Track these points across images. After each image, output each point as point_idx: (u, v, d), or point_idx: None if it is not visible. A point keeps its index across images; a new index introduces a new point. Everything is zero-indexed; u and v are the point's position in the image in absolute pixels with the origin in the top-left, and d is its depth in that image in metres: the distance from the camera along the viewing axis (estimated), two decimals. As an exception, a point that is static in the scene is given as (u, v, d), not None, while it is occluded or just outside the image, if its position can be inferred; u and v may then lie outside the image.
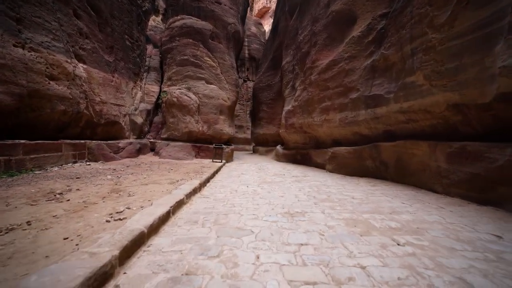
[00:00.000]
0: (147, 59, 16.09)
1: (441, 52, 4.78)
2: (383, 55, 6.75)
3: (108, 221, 2.88)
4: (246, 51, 32.35)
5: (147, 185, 5.29)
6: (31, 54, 6.67)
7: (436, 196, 4.95)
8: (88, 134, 9.75)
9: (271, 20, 35.12)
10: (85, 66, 9.21)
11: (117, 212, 3.25)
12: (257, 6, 52.50)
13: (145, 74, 15.63)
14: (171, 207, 3.38)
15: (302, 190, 5.69)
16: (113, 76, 11.46)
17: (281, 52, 17.36)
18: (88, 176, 6.23)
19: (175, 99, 13.20)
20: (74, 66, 8.40)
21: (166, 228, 3.00)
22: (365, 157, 7.76)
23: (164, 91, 14.11)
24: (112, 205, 3.60)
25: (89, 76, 9.42)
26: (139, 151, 12.20)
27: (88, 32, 9.49)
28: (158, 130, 14.67)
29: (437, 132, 5.71)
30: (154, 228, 2.74)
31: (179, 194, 4.18)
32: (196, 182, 5.54)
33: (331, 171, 9.39)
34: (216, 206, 4.15)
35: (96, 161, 8.96)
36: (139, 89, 14.64)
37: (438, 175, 5.27)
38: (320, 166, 10.60)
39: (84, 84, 8.90)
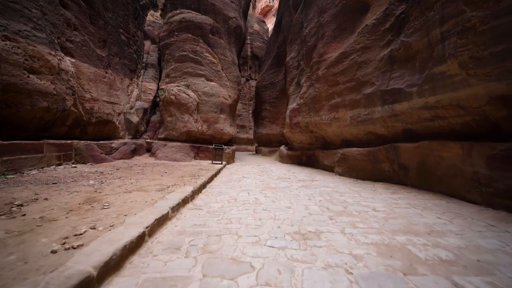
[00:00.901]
0: (145, 55, 15.38)
1: (483, 34, 3.93)
2: (404, 44, 5.90)
3: (54, 252, 2.10)
4: (249, 49, 31.57)
5: (130, 193, 4.51)
6: (6, 44, 5.94)
7: (476, 209, 4.10)
8: (77, 134, 9.03)
9: (274, 19, 34.32)
10: (73, 60, 8.48)
11: (75, 235, 2.47)
12: (260, 5, 51.82)
13: (142, 71, 14.92)
14: (146, 227, 2.59)
15: (312, 199, 4.87)
16: (106, 72, 10.73)
17: (285, 49, 16.55)
18: (68, 181, 5.48)
19: (173, 97, 12.46)
20: (60, 59, 7.67)
21: (135, 260, 2.21)
22: (381, 159, 6.91)
23: (162, 89, 13.37)
24: (74, 223, 2.82)
25: (77, 71, 8.70)
26: (134, 152, 11.46)
27: (77, 23, 8.76)
28: (156, 129, 13.94)
29: (471, 132, 4.86)
30: (114, 265, 1.95)
31: (163, 207, 3.39)
32: (188, 189, 4.75)
33: (341, 174, 8.55)
34: (208, 223, 3.34)
35: (84, 163, 8.23)
36: (135, 86, 13.92)
37: (476, 183, 4.41)
38: (328, 169, 9.76)
39: (71, 79, 8.17)
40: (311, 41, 10.95)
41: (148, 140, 12.93)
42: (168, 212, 3.27)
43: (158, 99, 13.93)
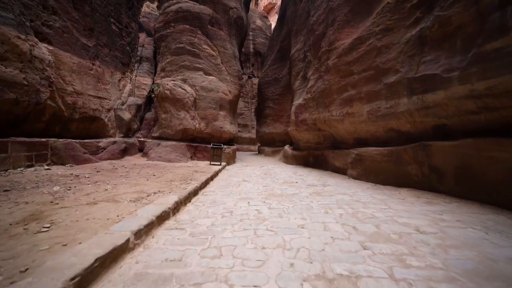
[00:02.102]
0: (139, 48, 14.40)
1: None
2: (439, 19, 4.80)
3: None
4: (251, 46, 30.52)
5: (95, 205, 3.47)
6: (-43, 21, 4.95)
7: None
8: (56, 131, 8.04)
9: (277, 17, 33.28)
10: (51, 48, 7.49)
11: None
12: (262, 3, 50.74)
13: (136, 65, 13.94)
14: (71, 279, 1.53)
15: (330, 213, 3.80)
16: (93, 64, 9.74)
17: (289, 41, 15.49)
18: (27, 187, 4.47)
19: (167, 92, 11.44)
20: (33, 45, 6.68)
21: None
22: (406, 160, 5.81)
23: (156, 83, 12.36)
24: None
25: (57, 60, 7.71)
26: (125, 152, 10.46)
27: (56, 6, 7.77)
28: (150, 128, 12.94)
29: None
30: None
31: (123, 231, 2.35)
32: (170, 200, 3.70)
33: (355, 177, 7.46)
34: (187, 256, 2.29)
35: (63, 164, 7.23)
36: (128, 81, 12.94)
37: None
38: (340, 171, 8.67)
39: (48, 68, 7.17)
40: (319, 29, 9.87)
41: (141, 139, 11.93)
42: (127, 240, 2.23)
43: (153, 95, 12.93)
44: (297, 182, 6.87)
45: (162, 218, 3.09)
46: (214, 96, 12.35)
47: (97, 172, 6.59)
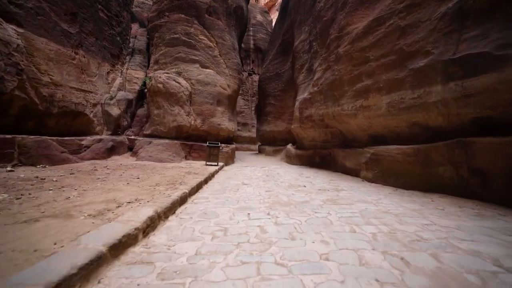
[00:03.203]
0: (132, 40, 13.41)
1: None
2: (488, -16, 3.83)
3: None
4: (251, 41, 29.53)
5: (36, 223, 2.50)
6: None
7: None
8: (30, 127, 7.06)
9: (279, 9, 32.27)
10: (21, 30, 6.50)
11: None
12: (263, 0, 49.81)
13: (128, 58, 12.95)
14: None
15: (359, 232, 2.82)
16: (76, 53, 8.76)
17: (292, 34, 14.51)
18: (-33, 194, 3.49)
19: (160, 86, 10.46)
20: (-4, 25, 5.70)
21: None
22: (437, 161, 4.83)
23: (148, 76, 11.39)
24: None
25: (29, 46, 6.72)
26: (112, 151, 9.48)
27: (28, -16, 6.78)
28: (142, 125, 11.96)
29: None
30: None
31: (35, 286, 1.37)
32: (143, 216, 2.72)
33: (370, 180, 6.49)
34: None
35: (34, 164, 6.25)
36: (119, 74, 11.94)
37: None
38: (351, 172, 7.70)
39: (16, 54, 6.20)
40: (327, 14, 8.90)
41: (132, 137, 10.95)
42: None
43: (145, 89, 11.95)
44: (305, 186, 5.89)
45: (122, 246, 2.11)
46: (211, 91, 11.37)
47: (70, 174, 5.61)
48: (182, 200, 4.05)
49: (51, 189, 4.06)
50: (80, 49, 9.01)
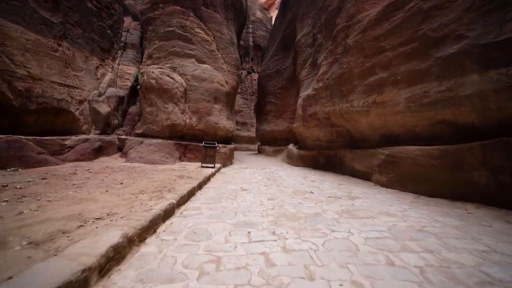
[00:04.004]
0: (124, 33, 12.65)
1: None
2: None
3: None
4: (251, 39, 28.79)
5: None
6: None
7: None
8: (5, 125, 6.31)
9: (279, 5, 31.52)
10: (-10, 16, 5.76)
11: None
12: (263, -3, 49.06)
13: (120, 52, 12.19)
14: None
15: (398, 264, 2.09)
16: (59, 45, 8.00)
17: (294, 28, 13.79)
18: None
19: (153, 81, 9.70)
20: (-43, 8, 4.94)
21: None
22: (471, 165, 4.11)
23: (140, 72, 10.64)
24: None
25: (1, 34, 5.97)
26: (99, 152, 8.73)
27: (0, -36, 6.03)
28: (135, 123, 11.21)
29: None
30: None
31: None
32: (104, 245, 1.99)
33: (385, 185, 5.77)
34: None
35: (4, 168, 5.49)
36: (109, 69, 11.19)
37: None
38: (360, 175, 6.98)
39: (-16, 42, 5.45)
40: (334, 4, 8.18)
41: (123, 137, 10.19)
42: None
43: (138, 86, 11.20)
44: (312, 193, 5.16)
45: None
46: (208, 87, 10.62)
47: (42, 179, 4.86)
48: (168, 214, 3.31)
49: (6, 200, 3.31)
50: (64, 41, 8.26)
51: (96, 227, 2.46)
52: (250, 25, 28.52)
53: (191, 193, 4.61)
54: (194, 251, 2.33)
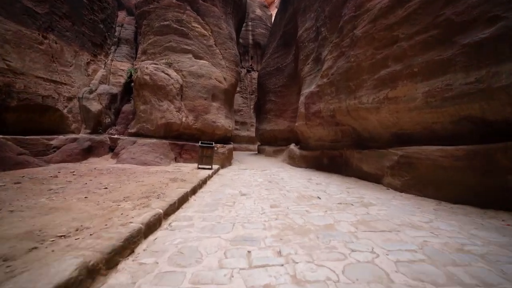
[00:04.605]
0: (118, 28, 12.09)
1: None
2: None
3: None
4: (250, 37, 28.23)
5: None
6: None
7: None
8: (-20, 124, 5.77)
9: (278, 8, 30.95)
10: (-38, 2, 5.20)
11: None
12: (262, -4, 48.54)
13: (113, 48, 11.64)
14: None
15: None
16: (45, 37, 7.45)
17: (295, 24, 13.26)
18: None
19: (147, 77, 9.15)
20: None
21: None
22: (505, 167, 3.58)
23: (134, 68, 10.09)
24: None
25: (-25, 22, 5.42)
26: (89, 152, 8.17)
27: None
28: (129, 122, 10.65)
29: None
30: None
31: None
32: (50, 283, 1.43)
33: (398, 189, 5.23)
34: None
35: (-24, 170, 4.95)
36: (102, 66, 10.65)
37: None
38: (369, 178, 6.45)
39: (-46, 30, 4.89)
40: (339, -7, 7.63)
41: (115, 136, 9.63)
42: None
43: (132, 82, 10.64)
44: (319, 198, 4.63)
45: None
46: (206, 84, 10.08)
47: (15, 183, 4.31)
48: (151, 227, 2.77)
49: (-42, 211, 2.76)
50: (51, 33, 7.71)
51: (53, 250, 1.92)
52: (250, 23, 27.99)
53: (183, 200, 4.06)
54: (177, 284, 1.79)
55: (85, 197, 3.69)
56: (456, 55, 4.01)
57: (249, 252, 2.32)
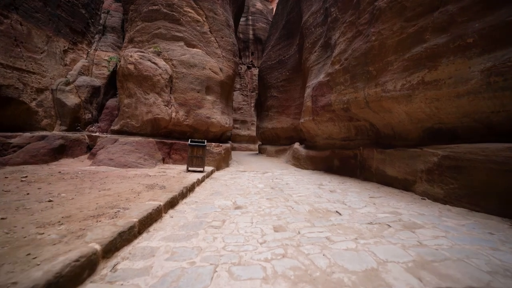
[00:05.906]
0: (103, 15, 10.94)
1: None
2: None
3: None
4: (251, 31, 27.05)
5: None
6: None
7: None
8: None
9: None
10: None
11: None
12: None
13: (97, 36, 10.47)
14: None
15: None
16: (5, 16, 6.29)
17: (299, 10, 12.08)
18: None
19: (131, 67, 7.98)
20: None
21: None
22: None
23: (116, 56, 8.93)
24: None
25: None
26: (61, 152, 7.00)
27: None
28: (114, 118, 9.49)
29: None
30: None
31: None
32: None
33: (439, 200, 4.01)
34: None
35: None
36: (83, 55, 9.48)
37: None
38: (395, 184, 5.23)
39: None
40: (354, -36, 6.41)
41: (96, 134, 8.46)
42: None
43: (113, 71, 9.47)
44: (339, 214, 3.42)
45: None
46: (199, 74, 8.88)
47: None
48: (69, 283, 1.57)
49: None
50: (13, 12, 6.54)
51: None
52: (250, 17, 26.82)
53: (150, 219, 2.87)
54: None
55: (2, 218, 2.50)
56: (541, 11, 2.79)
57: None
